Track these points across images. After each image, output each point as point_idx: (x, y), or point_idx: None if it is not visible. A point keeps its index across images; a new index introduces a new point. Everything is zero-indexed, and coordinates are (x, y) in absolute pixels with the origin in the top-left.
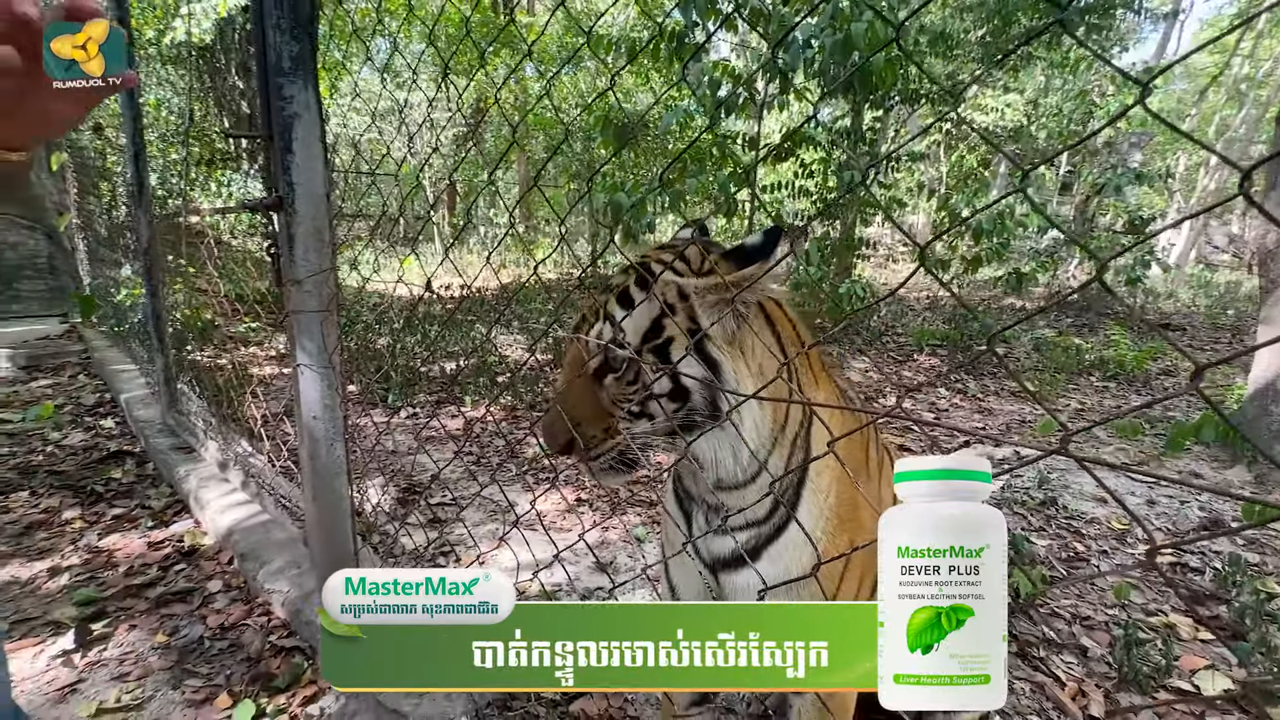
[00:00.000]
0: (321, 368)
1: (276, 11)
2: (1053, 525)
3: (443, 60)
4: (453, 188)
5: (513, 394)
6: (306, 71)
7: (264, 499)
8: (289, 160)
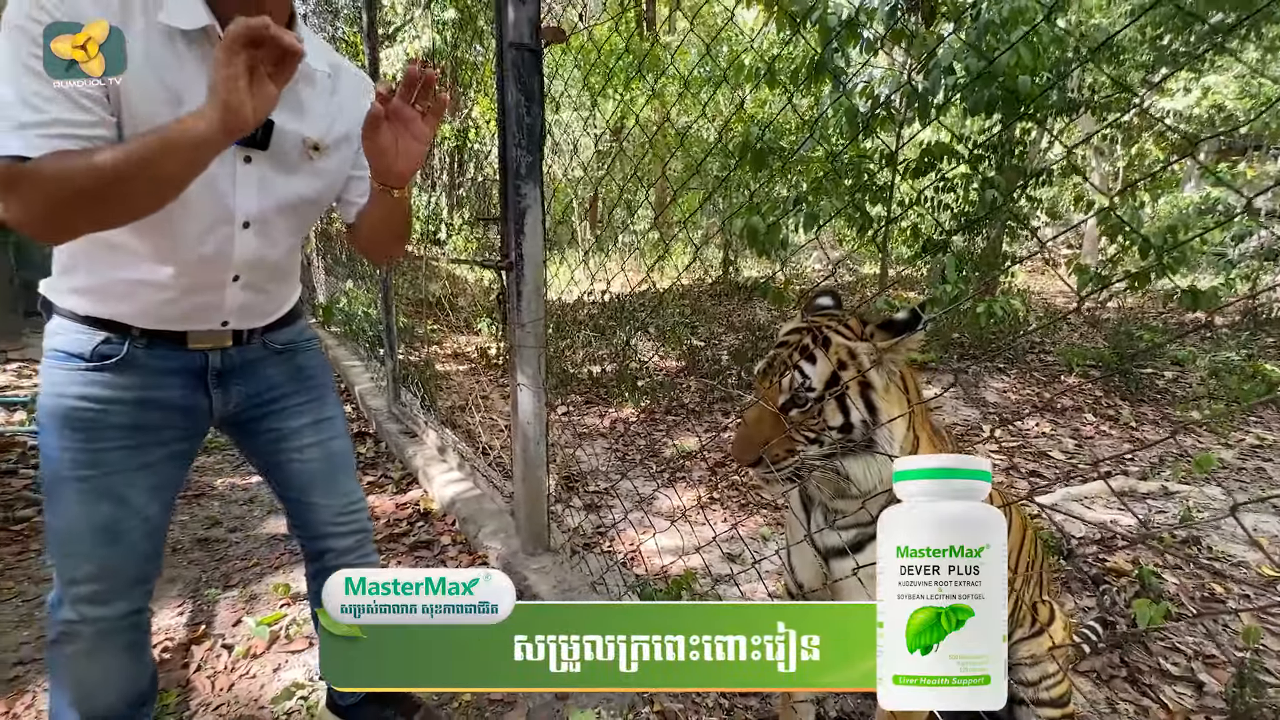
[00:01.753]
0: (535, 388)
1: (517, 134)
2: (1190, 565)
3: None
4: (595, 201)
5: (651, 398)
6: (536, 176)
7: (476, 478)
8: (520, 238)
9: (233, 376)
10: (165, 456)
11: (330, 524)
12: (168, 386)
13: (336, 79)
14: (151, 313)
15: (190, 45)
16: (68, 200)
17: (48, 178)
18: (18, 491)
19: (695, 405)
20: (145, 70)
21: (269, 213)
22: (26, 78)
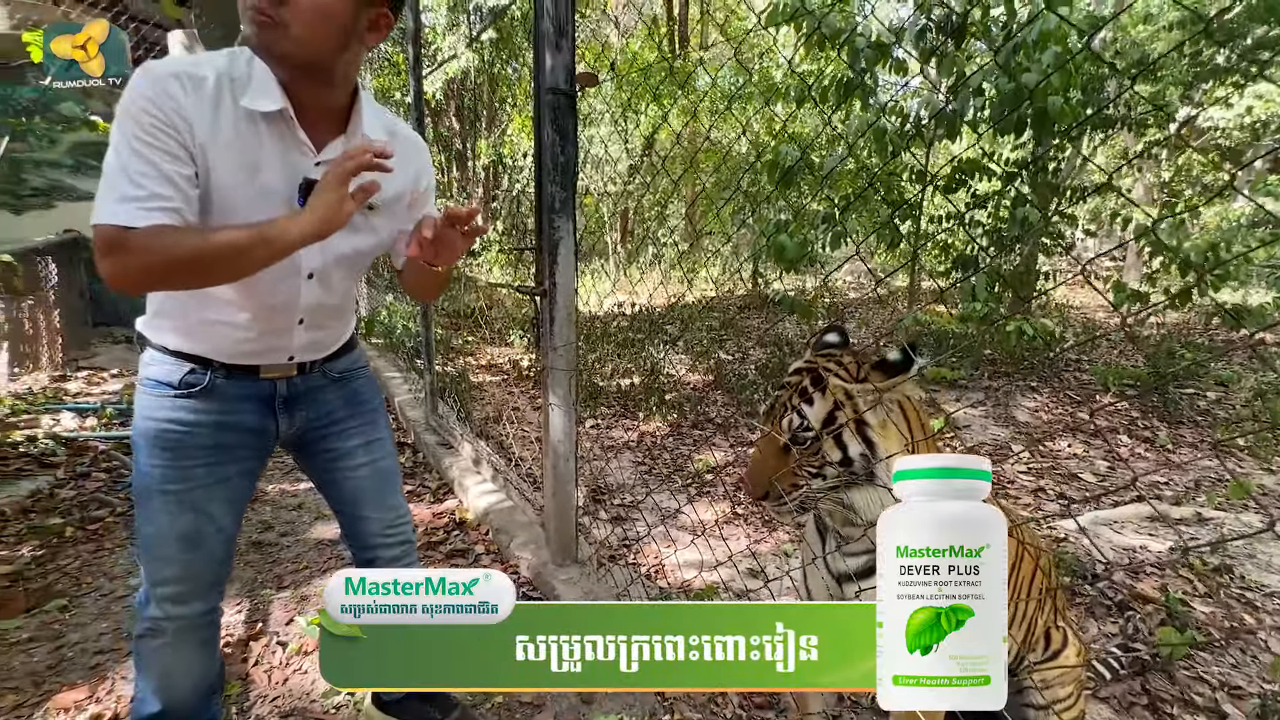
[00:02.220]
0: (565, 408)
1: (552, 171)
2: (1221, 593)
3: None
4: (626, 215)
5: (678, 412)
6: (569, 209)
7: (509, 490)
8: (554, 267)
9: (296, 403)
10: (239, 473)
11: (379, 535)
12: (242, 412)
13: (392, 144)
14: (230, 349)
15: (269, 124)
16: (161, 268)
17: (147, 248)
18: (91, 493)
19: (722, 420)
20: (232, 146)
21: (329, 265)
22: (133, 159)
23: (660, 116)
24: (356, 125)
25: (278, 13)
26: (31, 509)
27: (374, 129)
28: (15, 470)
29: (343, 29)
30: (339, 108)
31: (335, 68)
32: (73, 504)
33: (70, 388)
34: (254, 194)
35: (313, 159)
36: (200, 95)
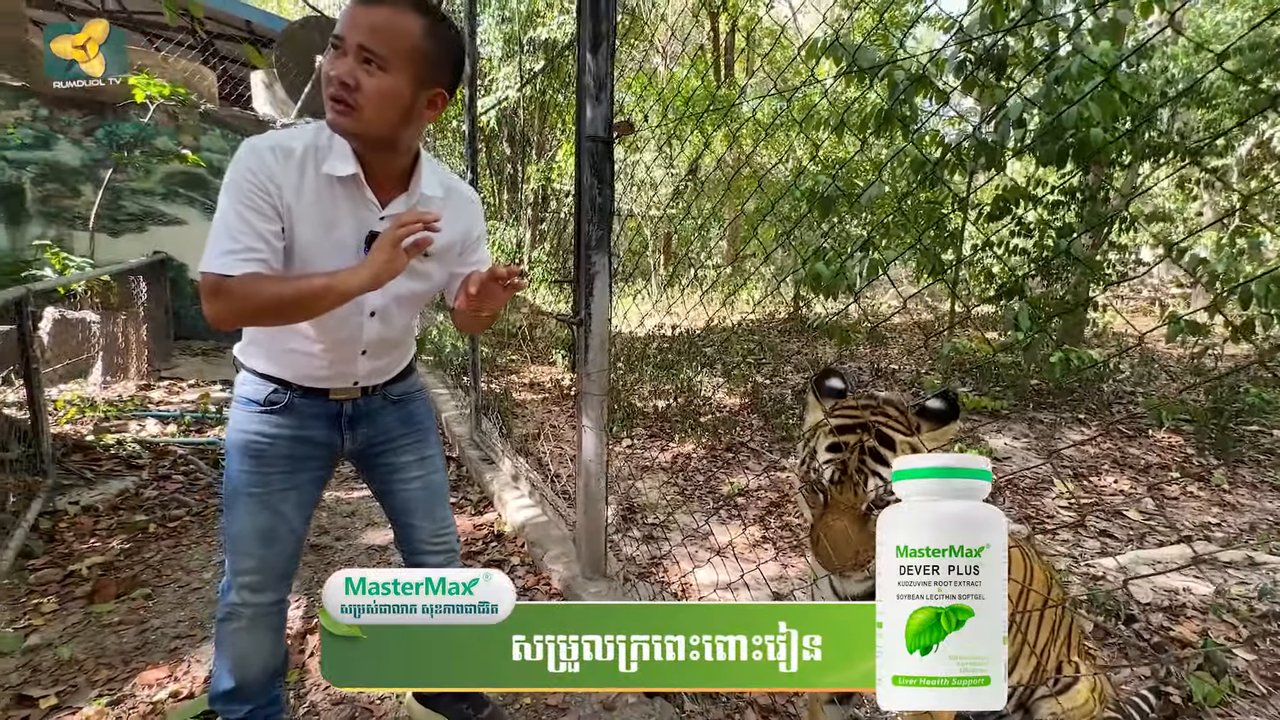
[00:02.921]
0: (598, 430)
1: (590, 211)
2: (1268, 640)
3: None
4: (668, 238)
5: (712, 434)
6: (605, 246)
7: (545, 505)
8: (590, 299)
9: (359, 421)
10: (309, 480)
11: (426, 543)
12: (314, 427)
13: (447, 199)
14: (305, 374)
15: (343, 186)
16: (250, 310)
17: (239, 294)
18: (171, 494)
19: (756, 444)
20: (313, 205)
21: (389, 305)
22: (234, 218)
23: (703, 144)
24: (417, 185)
25: (352, 98)
26: (120, 506)
27: (432, 187)
28: (107, 470)
29: (404, 109)
30: (402, 170)
31: (399, 140)
32: (155, 503)
33: (154, 396)
34: (329, 244)
35: (379, 214)
36: (289, 164)
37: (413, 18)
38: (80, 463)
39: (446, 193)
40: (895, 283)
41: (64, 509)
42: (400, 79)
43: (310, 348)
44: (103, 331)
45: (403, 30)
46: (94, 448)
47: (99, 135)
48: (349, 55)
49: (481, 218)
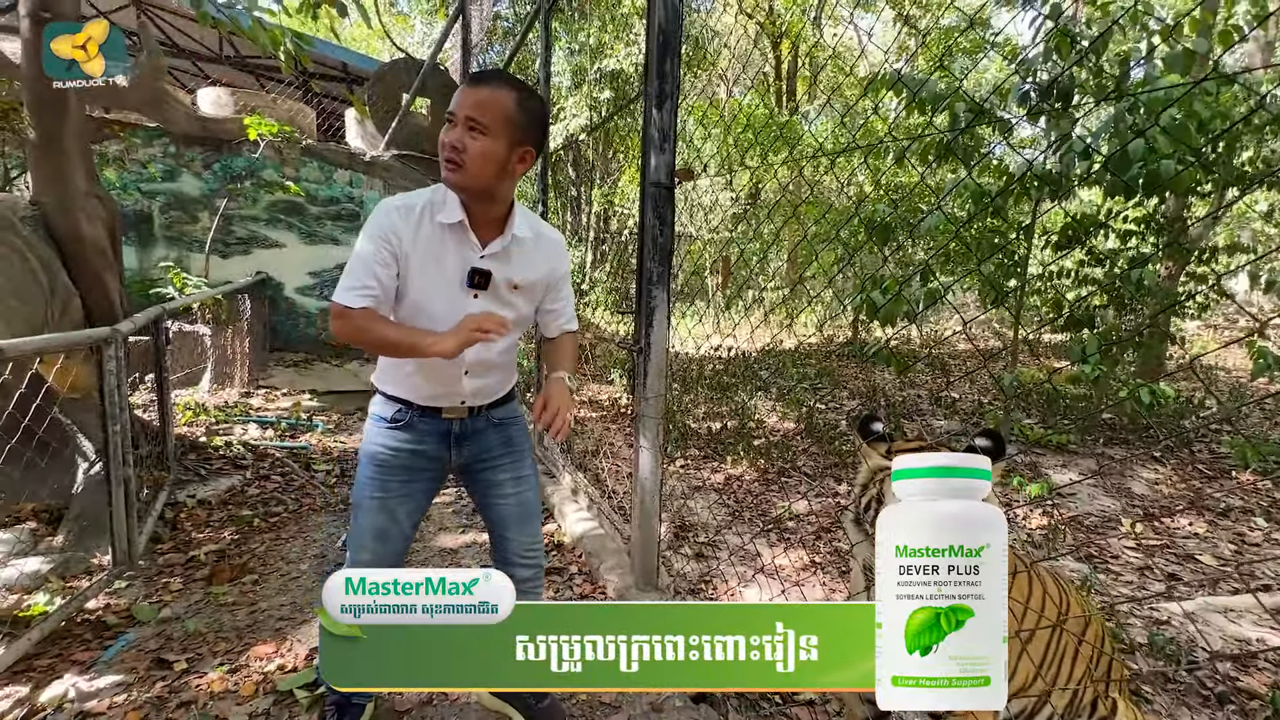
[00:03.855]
0: (653, 451)
1: (652, 249)
2: None
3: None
4: (727, 261)
5: (765, 458)
6: (665, 282)
7: (601, 519)
8: (649, 330)
9: (466, 439)
10: (421, 490)
11: (517, 555)
12: (429, 442)
13: (535, 242)
14: (421, 394)
15: (451, 232)
16: (363, 341)
17: (356, 325)
18: (270, 492)
19: (809, 469)
20: (426, 249)
21: None
22: (359, 263)
23: (764, 170)
24: (510, 228)
25: (460, 158)
26: (229, 501)
27: (523, 230)
28: (217, 469)
29: (500, 165)
30: (500, 217)
31: (496, 191)
32: (258, 500)
33: (253, 403)
34: (439, 278)
35: (479, 253)
36: (409, 218)
37: (506, 93)
38: (195, 461)
39: (535, 235)
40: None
41: (183, 501)
42: (497, 142)
43: (422, 370)
44: (213, 344)
45: (499, 103)
46: (206, 448)
47: (216, 168)
48: (459, 126)
49: (566, 258)
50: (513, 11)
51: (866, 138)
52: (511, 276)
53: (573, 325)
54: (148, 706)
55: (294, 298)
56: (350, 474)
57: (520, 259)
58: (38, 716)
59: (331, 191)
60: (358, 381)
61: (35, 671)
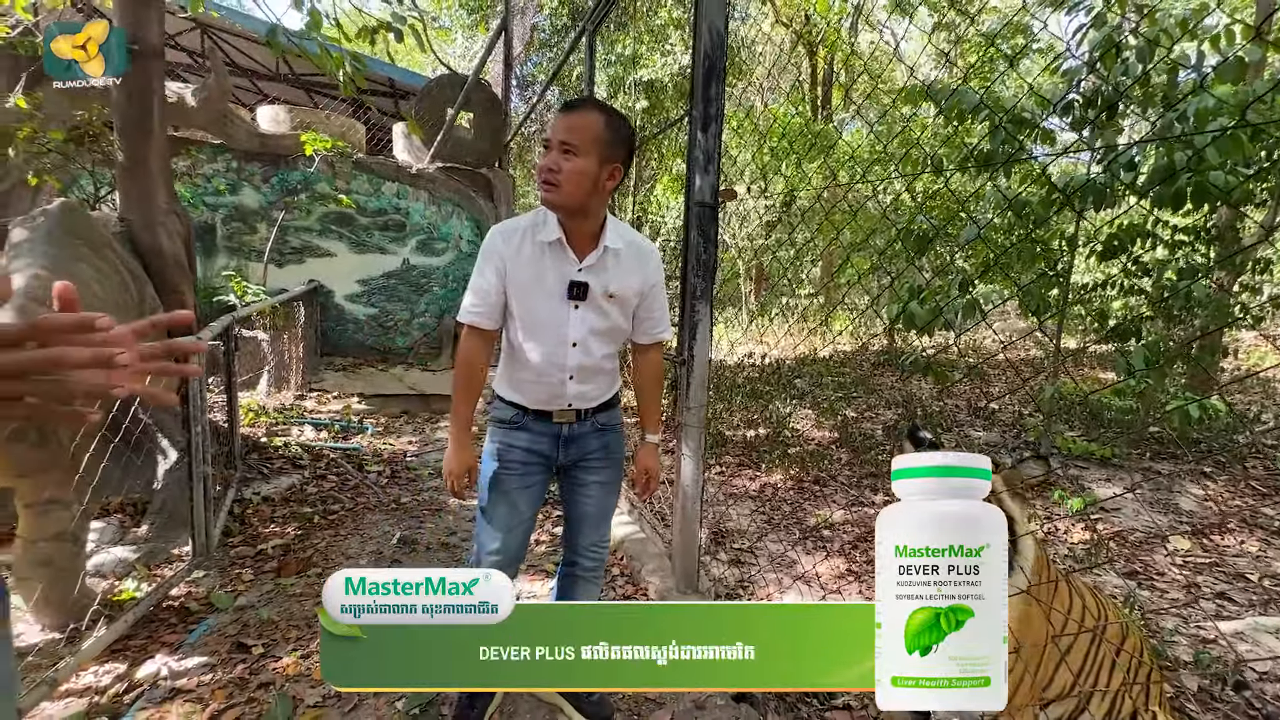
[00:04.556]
0: (695, 458)
1: (696, 266)
2: None
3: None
4: (760, 268)
5: (801, 466)
6: (708, 297)
7: (642, 523)
8: (693, 343)
9: (572, 441)
10: (536, 483)
11: (584, 550)
12: (541, 442)
13: (628, 252)
14: (532, 399)
15: (550, 248)
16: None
17: (462, 344)
18: (328, 491)
19: (845, 479)
20: (528, 266)
21: (586, 336)
22: (472, 284)
23: (799, 179)
24: (603, 241)
25: (555, 178)
26: (290, 499)
27: (615, 241)
28: (278, 468)
29: (592, 182)
30: (594, 232)
31: (589, 207)
32: (316, 498)
33: (307, 405)
34: (541, 293)
35: (577, 266)
36: (511, 239)
37: (595, 116)
38: (257, 460)
39: (627, 246)
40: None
41: (249, 498)
42: (588, 160)
43: (530, 374)
44: (271, 349)
45: (588, 125)
46: (267, 448)
47: (274, 182)
48: (554, 149)
49: (659, 268)
50: (549, 24)
51: (904, 145)
52: (607, 286)
53: (666, 334)
54: (231, 686)
55: (343, 304)
56: (400, 475)
57: (615, 269)
58: (135, 690)
59: (380, 203)
60: (401, 385)
61: (130, 650)
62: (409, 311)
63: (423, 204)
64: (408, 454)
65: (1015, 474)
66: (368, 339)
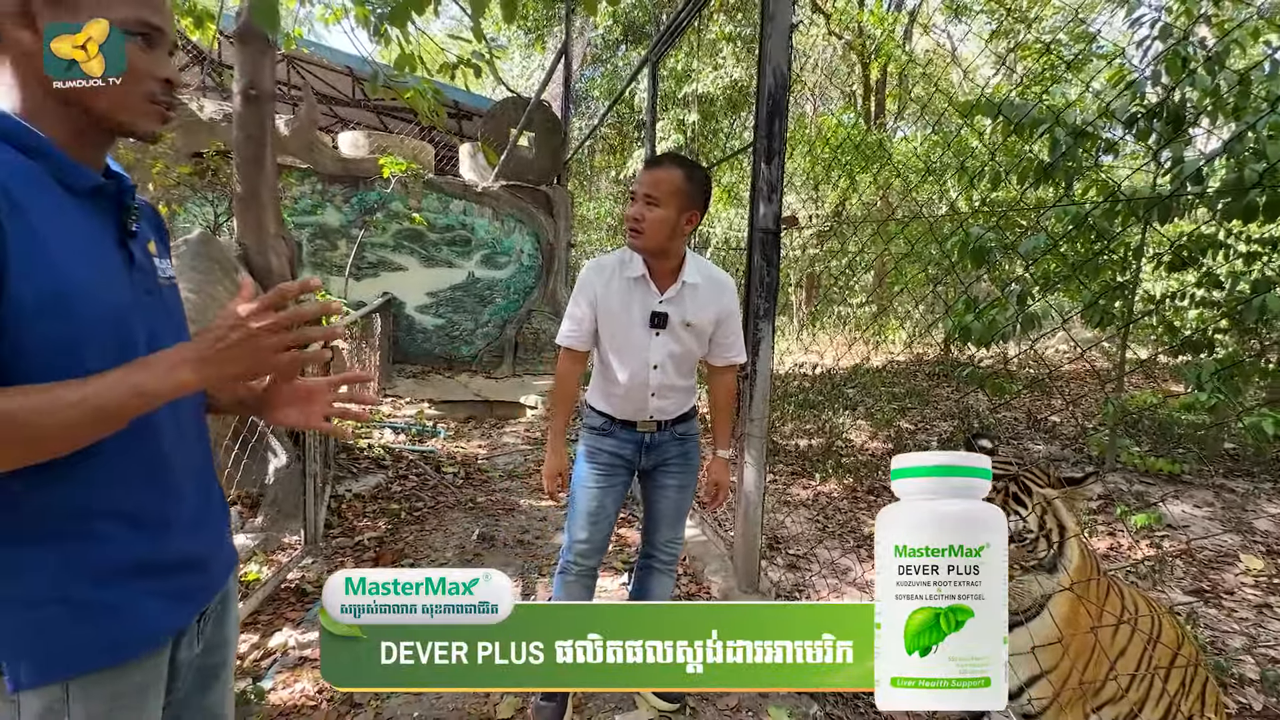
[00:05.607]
0: (757, 466)
1: (759, 288)
2: None
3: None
4: (812, 277)
5: (854, 476)
6: (770, 316)
7: (704, 527)
8: (755, 358)
9: (653, 448)
10: (621, 483)
11: (659, 547)
12: (626, 448)
13: (705, 285)
14: (619, 410)
15: (636, 282)
16: (556, 376)
17: (559, 365)
18: (409, 490)
19: None
20: (616, 297)
21: (665, 359)
22: (568, 311)
23: (850, 186)
24: (682, 276)
25: (640, 226)
26: (377, 496)
27: (693, 277)
28: (364, 468)
29: (671, 228)
30: (674, 268)
31: (670, 248)
32: (400, 496)
33: (384, 409)
34: (627, 322)
35: (658, 298)
36: (603, 274)
37: (675, 171)
38: (346, 460)
39: (705, 280)
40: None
41: (342, 494)
42: (668, 210)
43: (619, 390)
44: (351, 357)
45: (669, 179)
46: (354, 449)
47: (353, 202)
48: (639, 201)
49: (734, 298)
50: (601, 37)
51: (959, 155)
52: (685, 316)
53: (739, 357)
54: None
55: (414, 315)
56: (474, 477)
57: (692, 301)
58: (269, 657)
59: (448, 219)
60: (467, 392)
61: (260, 624)
62: (473, 322)
63: (487, 220)
64: (478, 457)
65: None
66: (435, 348)
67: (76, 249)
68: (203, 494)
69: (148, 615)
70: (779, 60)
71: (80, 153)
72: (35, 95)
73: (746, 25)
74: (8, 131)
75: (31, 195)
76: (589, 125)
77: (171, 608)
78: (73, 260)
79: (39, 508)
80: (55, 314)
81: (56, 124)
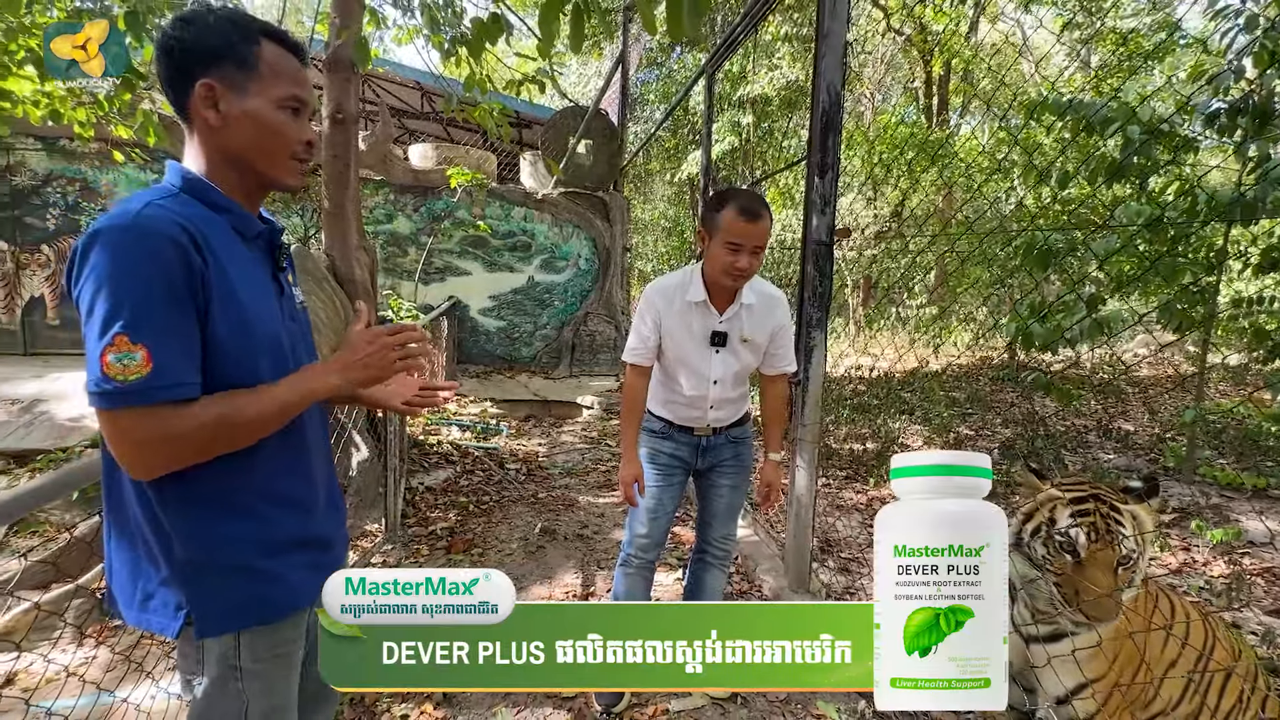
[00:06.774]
0: (808, 470)
1: (811, 298)
2: None
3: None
4: (868, 279)
5: None
6: (823, 326)
7: (756, 528)
8: (808, 366)
9: (709, 451)
10: (677, 482)
11: (713, 543)
12: (683, 451)
13: (760, 304)
14: (678, 416)
15: (696, 305)
16: (624, 387)
17: (628, 379)
18: (476, 485)
19: None
20: (678, 317)
21: (723, 374)
22: (634, 330)
23: (911, 186)
24: (740, 298)
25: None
26: (447, 490)
27: (749, 297)
28: (434, 463)
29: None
30: (733, 291)
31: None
32: (468, 490)
33: (450, 408)
34: (689, 340)
35: (717, 319)
36: (666, 295)
37: (770, 222)
38: (418, 455)
39: (759, 298)
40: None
41: (415, 487)
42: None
43: (681, 400)
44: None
45: (769, 231)
46: (424, 445)
47: (422, 211)
48: (746, 252)
49: (786, 313)
50: (658, 41)
51: (1026, 150)
52: (743, 334)
53: (790, 367)
54: None
55: (477, 318)
56: (535, 473)
57: (749, 320)
58: None
59: (509, 226)
60: (527, 392)
61: None
62: (533, 324)
63: (546, 226)
64: (539, 454)
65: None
66: (497, 349)
67: (252, 283)
68: (329, 482)
69: (298, 585)
70: (833, 78)
71: (248, 205)
72: (215, 161)
73: (804, 24)
74: (202, 191)
75: (220, 243)
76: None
77: (311, 579)
78: (250, 293)
79: (225, 489)
80: (241, 335)
81: (232, 184)
